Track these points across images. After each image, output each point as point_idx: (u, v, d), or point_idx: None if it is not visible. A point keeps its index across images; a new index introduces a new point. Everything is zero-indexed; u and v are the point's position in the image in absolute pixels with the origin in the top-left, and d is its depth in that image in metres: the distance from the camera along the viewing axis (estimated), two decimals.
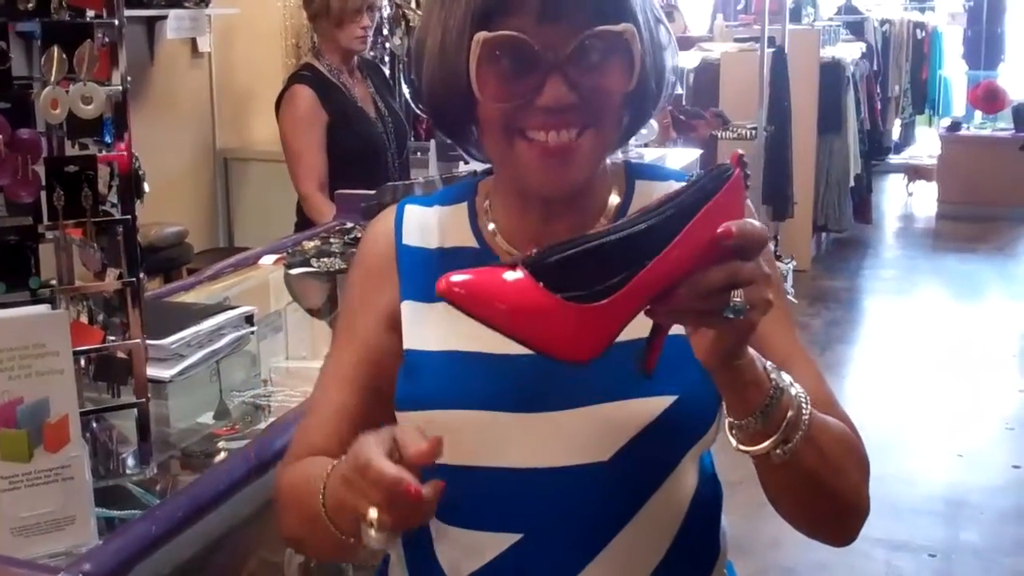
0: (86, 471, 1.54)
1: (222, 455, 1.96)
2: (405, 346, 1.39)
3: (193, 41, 5.78)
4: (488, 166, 1.43)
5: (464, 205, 1.46)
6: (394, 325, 1.41)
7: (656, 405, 1.28)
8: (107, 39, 1.70)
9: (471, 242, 1.42)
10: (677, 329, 1.29)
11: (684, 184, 1.09)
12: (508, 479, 1.31)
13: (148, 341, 1.97)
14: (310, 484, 1.25)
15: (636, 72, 1.27)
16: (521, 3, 1.24)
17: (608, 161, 1.42)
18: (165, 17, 5.31)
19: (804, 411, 1.17)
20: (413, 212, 1.47)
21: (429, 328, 1.38)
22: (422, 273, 1.41)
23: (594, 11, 1.25)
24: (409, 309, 1.41)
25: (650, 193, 1.40)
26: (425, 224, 1.45)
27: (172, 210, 5.42)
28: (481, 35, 1.25)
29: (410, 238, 1.45)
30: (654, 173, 1.46)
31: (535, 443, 1.29)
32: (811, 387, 1.31)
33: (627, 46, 1.26)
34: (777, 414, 1.15)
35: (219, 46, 6.00)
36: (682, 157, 5.54)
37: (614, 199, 1.41)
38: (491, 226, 1.42)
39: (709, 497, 1.39)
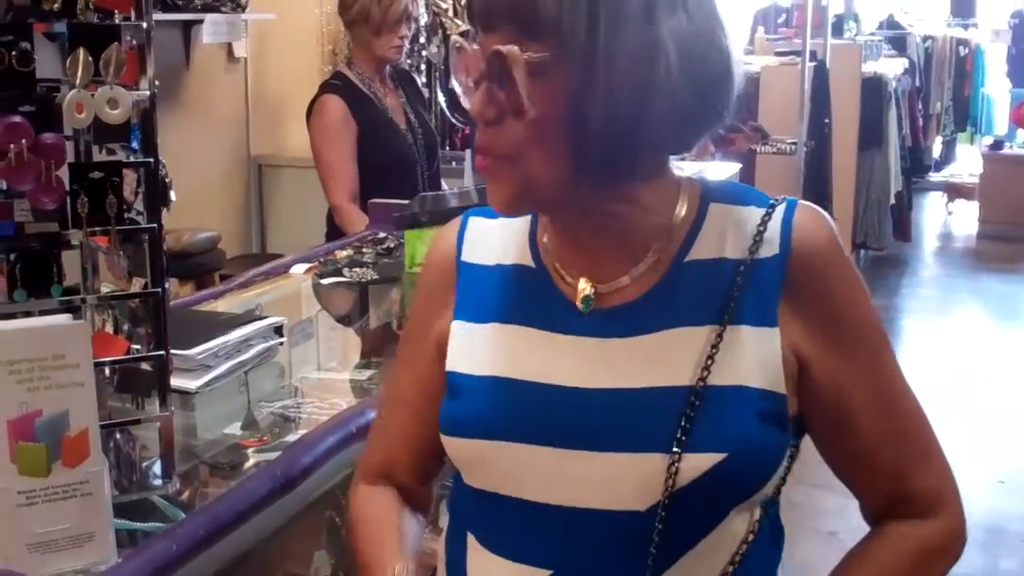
0: (106, 486, 1.49)
1: (248, 466, 1.92)
2: (448, 367, 1.35)
3: (229, 46, 5.76)
4: None
5: (528, 220, 1.38)
6: (444, 352, 1.37)
7: (702, 462, 1.19)
8: (135, 42, 1.65)
9: (528, 260, 1.35)
10: (731, 379, 1.22)
11: None
12: (542, 514, 1.25)
13: (174, 351, 1.93)
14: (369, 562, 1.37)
15: (523, 97, 1.16)
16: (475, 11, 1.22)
17: (681, 175, 1.30)
18: (201, 21, 5.28)
19: None
20: (477, 225, 1.41)
21: (475, 351, 1.33)
22: (477, 291, 1.36)
23: (521, 27, 1.16)
24: (459, 329, 1.36)
25: (723, 219, 1.28)
26: (488, 239, 1.39)
27: (205, 215, 5.41)
28: (453, 39, 1.23)
29: (470, 254, 1.39)
30: (734, 195, 1.32)
31: (572, 481, 1.22)
32: (892, 456, 1.29)
33: (516, 68, 1.15)
34: None
35: (255, 51, 5.98)
36: (720, 171, 5.46)
37: (680, 218, 1.28)
38: (546, 242, 1.34)
39: (762, 547, 1.28)
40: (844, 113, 7.56)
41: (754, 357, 1.23)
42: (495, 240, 1.38)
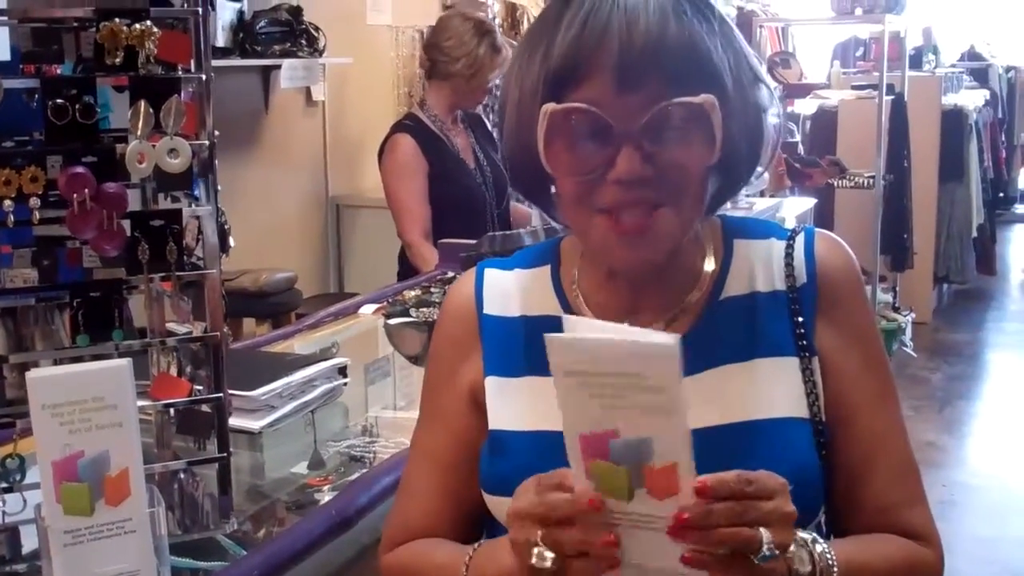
0: (153, 524, 1.50)
1: (317, 505, 1.94)
2: (491, 426, 1.34)
3: (307, 90, 5.85)
4: None
5: (547, 269, 1.39)
6: (478, 403, 1.36)
7: None
8: (195, 93, 1.70)
9: (556, 310, 1.35)
10: (781, 411, 1.23)
11: None
12: None
13: (238, 392, 1.96)
14: (441, 568, 1.27)
15: (717, 145, 1.20)
16: (596, 71, 1.18)
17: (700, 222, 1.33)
18: (279, 67, 5.38)
19: None
20: (493, 277, 1.41)
21: (514, 406, 1.33)
22: (505, 345, 1.36)
23: (674, 79, 1.18)
24: (493, 385, 1.35)
25: (748, 255, 1.33)
26: (506, 290, 1.39)
27: (284, 256, 5.48)
28: (548, 107, 1.20)
29: (491, 307, 1.39)
30: (753, 230, 1.37)
31: None
32: (887, 487, 1.26)
33: (706, 118, 1.18)
34: None
35: (332, 95, 6.06)
36: (797, 206, 5.46)
37: (709, 266, 1.33)
38: (578, 297, 1.35)
39: None
40: (924, 146, 7.52)
41: (797, 387, 1.25)
42: (514, 291, 1.38)
